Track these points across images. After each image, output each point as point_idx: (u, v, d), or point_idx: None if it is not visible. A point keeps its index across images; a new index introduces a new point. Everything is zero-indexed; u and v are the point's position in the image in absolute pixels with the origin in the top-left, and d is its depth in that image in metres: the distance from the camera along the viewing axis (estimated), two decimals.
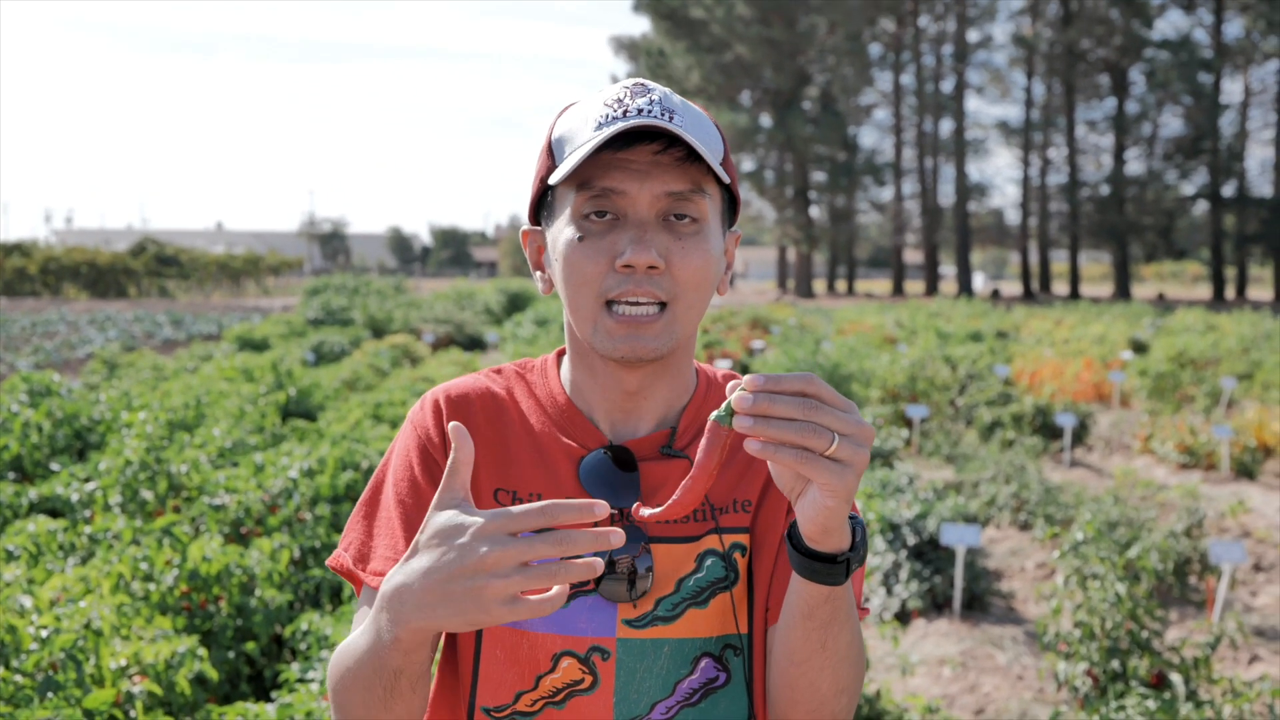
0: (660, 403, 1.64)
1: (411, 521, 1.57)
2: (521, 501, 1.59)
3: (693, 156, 1.50)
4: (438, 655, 1.68)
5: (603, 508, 1.22)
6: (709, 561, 1.58)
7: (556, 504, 1.22)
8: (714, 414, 1.27)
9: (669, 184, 1.50)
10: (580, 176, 1.51)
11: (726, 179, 1.54)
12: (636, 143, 1.49)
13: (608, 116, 1.49)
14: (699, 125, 1.54)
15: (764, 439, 1.22)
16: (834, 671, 1.46)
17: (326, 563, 1.64)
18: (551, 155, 1.56)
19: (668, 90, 1.55)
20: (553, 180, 1.53)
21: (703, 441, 1.29)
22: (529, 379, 1.70)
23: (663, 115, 1.49)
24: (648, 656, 1.55)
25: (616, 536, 1.21)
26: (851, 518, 1.36)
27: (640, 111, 1.49)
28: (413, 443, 1.63)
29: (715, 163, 1.50)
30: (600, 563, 1.21)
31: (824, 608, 1.39)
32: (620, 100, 1.51)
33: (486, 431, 1.63)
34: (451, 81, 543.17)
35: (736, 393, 1.23)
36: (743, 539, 1.60)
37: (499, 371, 1.71)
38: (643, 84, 1.54)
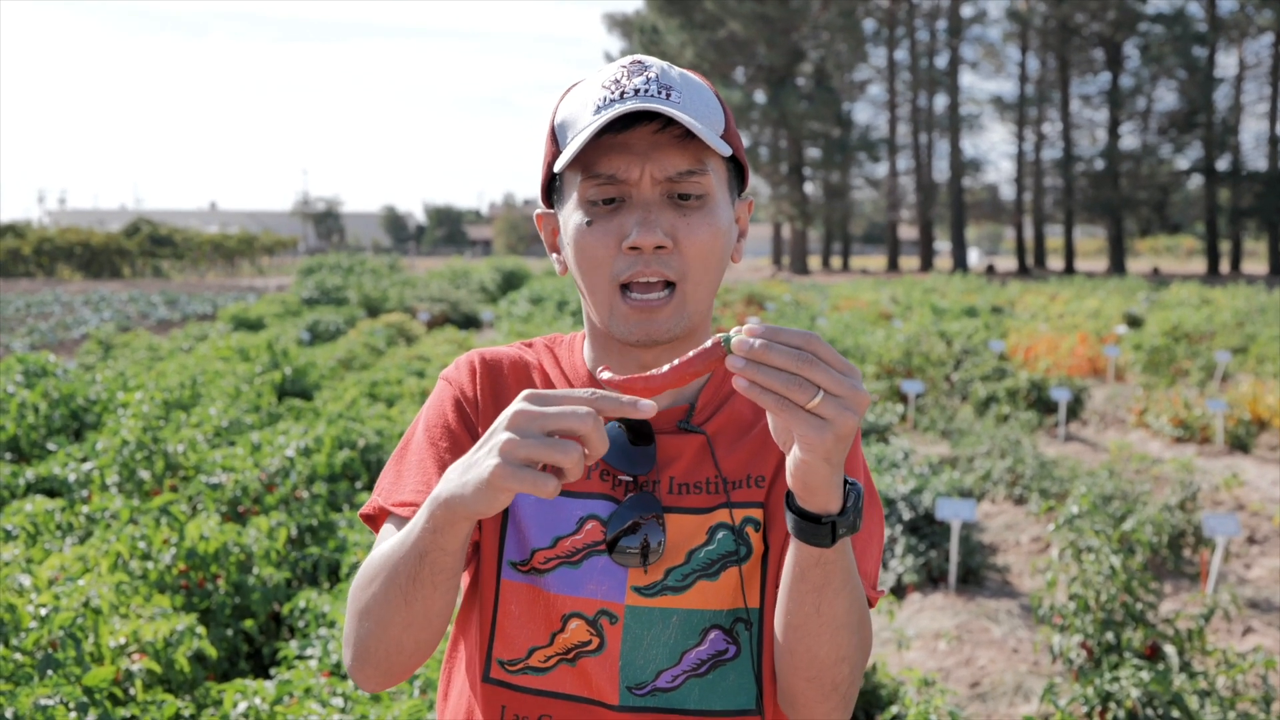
0: None
1: (444, 460, 1.59)
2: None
3: (692, 134, 1.49)
4: (460, 596, 1.69)
5: (649, 408, 1.26)
6: (720, 534, 1.58)
7: (601, 394, 1.27)
8: (722, 335, 1.28)
9: (670, 164, 1.50)
10: (582, 161, 1.51)
11: (728, 152, 1.53)
12: (635, 124, 1.48)
13: (605, 99, 1.49)
14: (698, 99, 1.53)
15: (750, 380, 1.24)
16: (832, 638, 1.46)
17: (359, 514, 1.66)
18: (555, 140, 1.57)
19: (666, 65, 1.55)
20: (556, 167, 1.53)
21: (697, 349, 1.30)
22: (556, 352, 1.73)
23: (660, 93, 1.49)
24: (655, 625, 1.56)
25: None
26: (848, 482, 1.36)
27: (637, 92, 1.49)
28: (447, 395, 1.66)
29: (714, 138, 1.50)
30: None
31: (815, 571, 1.39)
32: (618, 81, 1.51)
33: (515, 396, 1.66)
34: (445, 59, 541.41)
35: (739, 334, 1.25)
36: (755, 513, 1.60)
37: (529, 345, 1.75)
38: (640, 61, 1.54)
